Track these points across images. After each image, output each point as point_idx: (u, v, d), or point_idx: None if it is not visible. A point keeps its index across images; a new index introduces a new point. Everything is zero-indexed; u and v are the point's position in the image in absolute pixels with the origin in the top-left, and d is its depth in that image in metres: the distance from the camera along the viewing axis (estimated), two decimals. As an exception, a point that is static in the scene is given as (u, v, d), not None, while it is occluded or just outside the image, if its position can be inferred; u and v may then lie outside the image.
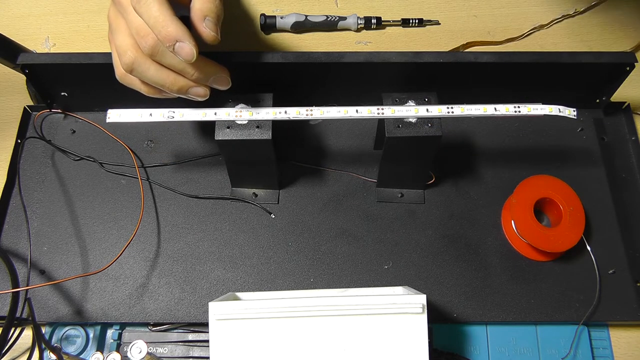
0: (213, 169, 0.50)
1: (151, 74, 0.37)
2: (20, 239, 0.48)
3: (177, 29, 0.35)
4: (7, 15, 0.60)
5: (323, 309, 0.34)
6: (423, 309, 0.34)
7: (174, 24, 0.34)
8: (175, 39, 0.35)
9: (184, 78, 0.38)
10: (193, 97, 0.39)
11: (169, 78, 0.37)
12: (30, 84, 0.49)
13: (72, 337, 0.44)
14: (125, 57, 0.37)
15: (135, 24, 0.35)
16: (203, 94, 0.39)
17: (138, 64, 0.37)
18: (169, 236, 0.48)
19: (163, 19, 0.34)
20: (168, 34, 0.34)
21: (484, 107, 0.41)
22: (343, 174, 0.50)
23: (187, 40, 0.35)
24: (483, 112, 0.41)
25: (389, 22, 0.59)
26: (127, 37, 0.37)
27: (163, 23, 0.34)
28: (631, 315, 0.45)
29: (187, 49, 0.35)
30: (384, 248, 0.47)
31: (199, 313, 0.45)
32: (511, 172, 0.50)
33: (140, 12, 0.35)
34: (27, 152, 0.51)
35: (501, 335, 0.45)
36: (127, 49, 0.36)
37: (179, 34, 0.35)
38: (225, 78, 0.40)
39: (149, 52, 0.36)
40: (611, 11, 0.60)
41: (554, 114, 0.41)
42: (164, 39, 0.35)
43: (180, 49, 0.35)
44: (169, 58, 0.36)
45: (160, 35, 0.35)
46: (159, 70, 0.37)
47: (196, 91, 0.39)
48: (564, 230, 0.45)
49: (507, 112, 0.41)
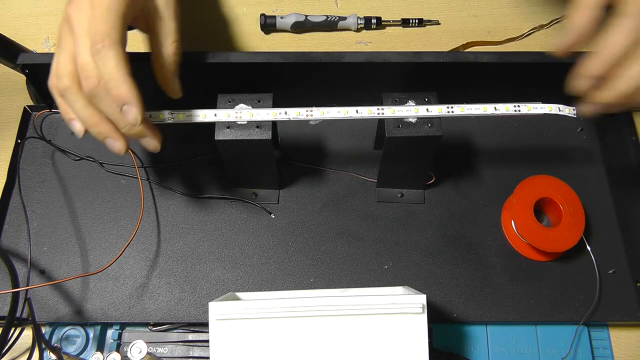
0: (213, 169, 0.50)
1: (78, 107, 0.36)
2: (20, 239, 0.48)
3: (129, 91, 0.34)
4: (7, 15, 0.60)
5: (323, 309, 0.34)
6: (423, 309, 0.34)
7: (127, 84, 0.34)
8: (125, 101, 0.34)
9: (106, 126, 0.36)
10: (108, 146, 0.37)
11: (92, 119, 0.36)
12: (30, 84, 0.49)
13: (72, 337, 0.44)
14: (61, 82, 0.35)
15: (82, 60, 0.34)
16: (118, 149, 0.37)
17: (70, 93, 0.35)
18: (169, 236, 0.48)
19: (118, 77, 0.34)
20: (120, 94, 0.34)
21: (484, 107, 0.41)
22: (343, 174, 0.50)
23: (135, 105, 0.35)
24: (483, 112, 0.41)
25: (389, 22, 0.59)
26: (68, 62, 0.35)
27: (117, 81, 0.34)
28: (631, 315, 0.45)
29: (133, 114, 0.35)
30: (384, 248, 0.47)
31: (199, 313, 0.45)
32: (511, 172, 0.50)
33: (98, 63, 0.34)
34: (27, 152, 0.51)
35: (501, 335, 0.45)
36: (64, 74, 0.35)
37: (130, 96, 0.34)
38: (155, 144, 0.38)
39: (88, 93, 0.35)
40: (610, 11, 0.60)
41: (553, 113, 0.41)
42: (114, 97, 0.34)
43: (127, 111, 0.35)
44: (104, 106, 0.35)
45: (111, 92, 0.34)
46: (86, 107, 0.36)
47: (112, 143, 0.37)
48: (564, 230, 0.45)
49: (507, 112, 0.41)
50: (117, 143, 0.37)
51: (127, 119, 0.35)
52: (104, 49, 0.33)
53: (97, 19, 0.34)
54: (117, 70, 0.34)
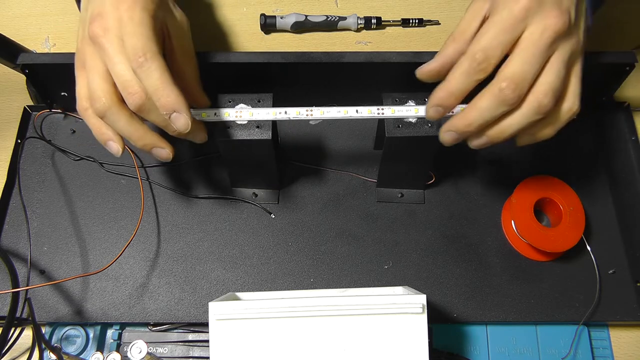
0: (213, 169, 0.50)
1: (121, 125, 0.37)
2: (20, 239, 0.48)
3: (177, 99, 0.35)
4: (7, 15, 0.60)
5: (323, 309, 0.34)
6: (423, 309, 0.34)
7: (174, 92, 0.35)
8: (174, 109, 0.35)
9: (152, 137, 0.38)
10: (155, 156, 0.39)
11: (137, 132, 0.37)
12: (30, 84, 0.49)
13: (72, 337, 0.44)
14: (99, 103, 0.36)
15: (123, 78, 0.35)
16: (166, 156, 0.39)
17: (111, 113, 0.36)
18: (169, 236, 0.48)
19: (164, 87, 0.35)
20: (167, 103, 0.35)
21: None
22: (343, 174, 0.50)
23: (184, 111, 0.36)
24: None
25: (389, 22, 0.59)
26: (103, 81, 0.36)
27: (164, 91, 0.35)
28: (631, 315, 0.45)
29: (183, 119, 0.36)
30: (384, 248, 0.47)
31: (199, 313, 0.45)
32: (511, 172, 0.50)
33: (141, 77, 0.35)
34: (27, 152, 0.51)
35: (501, 335, 0.45)
36: (102, 95, 0.36)
37: (178, 103, 0.35)
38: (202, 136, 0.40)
39: (136, 109, 0.35)
40: (611, 11, 0.60)
41: None
42: (162, 107, 0.35)
43: (177, 118, 0.36)
44: (154, 117, 0.36)
45: (159, 102, 0.35)
46: (129, 122, 0.37)
47: (159, 152, 0.39)
48: (564, 230, 0.45)
49: None
50: (164, 151, 0.38)
51: (178, 125, 0.36)
52: (146, 62, 0.34)
53: (131, 35, 0.34)
54: (162, 81, 0.35)
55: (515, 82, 0.34)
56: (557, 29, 0.33)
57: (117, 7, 0.35)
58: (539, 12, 0.33)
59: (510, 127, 0.36)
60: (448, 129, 0.38)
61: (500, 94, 0.34)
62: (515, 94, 0.34)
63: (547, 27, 0.33)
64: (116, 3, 0.35)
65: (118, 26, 0.35)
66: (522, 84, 0.34)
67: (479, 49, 0.34)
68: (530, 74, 0.34)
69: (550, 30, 0.33)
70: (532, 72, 0.34)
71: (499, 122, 0.36)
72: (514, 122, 0.35)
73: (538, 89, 0.34)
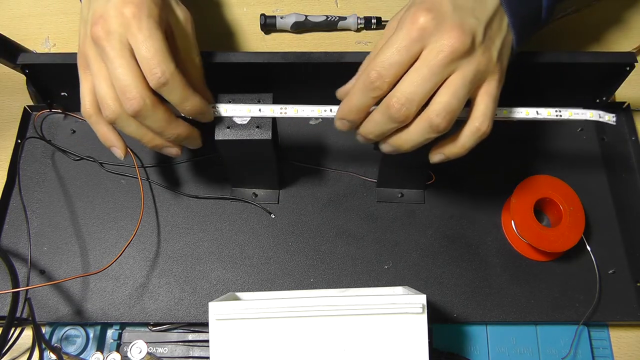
0: (213, 169, 0.50)
1: (132, 129, 0.37)
2: (20, 239, 0.48)
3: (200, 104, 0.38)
4: (7, 15, 0.60)
5: (323, 309, 0.34)
6: (423, 309, 0.34)
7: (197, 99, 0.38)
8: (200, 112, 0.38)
9: (160, 139, 0.39)
10: (166, 153, 0.40)
11: (147, 136, 0.38)
12: (30, 84, 0.49)
13: (72, 337, 0.44)
14: (109, 110, 0.36)
15: (122, 83, 0.35)
16: (175, 153, 0.40)
17: (121, 119, 0.37)
18: (169, 236, 0.48)
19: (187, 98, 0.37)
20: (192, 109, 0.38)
21: (526, 111, 0.40)
22: (343, 174, 0.50)
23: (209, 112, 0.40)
24: (525, 116, 0.40)
25: (389, 22, 0.59)
26: (109, 87, 0.36)
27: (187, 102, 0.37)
28: (631, 315, 0.45)
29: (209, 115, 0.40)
30: (384, 248, 0.47)
31: (199, 313, 0.45)
32: (511, 172, 0.50)
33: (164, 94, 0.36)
34: (27, 152, 0.51)
35: (501, 335, 0.45)
36: (110, 101, 0.36)
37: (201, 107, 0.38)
38: (197, 139, 0.41)
39: (133, 114, 0.36)
40: (610, 11, 0.60)
41: (594, 120, 0.41)
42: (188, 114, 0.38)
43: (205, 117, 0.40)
44: (150, 122, 0.37)
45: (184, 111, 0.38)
46: (139, 126, 0.37)
47: (169, 150, 0.40)
48: (564, 230, 0.45)
49: (549, 117, 0.40)
50: (174, 149, 0.40)
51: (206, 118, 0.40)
52: (167, 83, 0.35)
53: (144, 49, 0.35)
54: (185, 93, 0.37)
55: (401, 101, 0.34)
56: (455, 48, 0.33)
57: (121, 11, 0.35)
58: (437, 32, 0.33)
59: (407, 142, 0.36)
60: (358, 132, 0.39)
61: (387, 111, 0.35)
62: (400, 113, 0.34)
63: (443, 47, 0.33)
64: (120, 6, 0.35)
65: (122, 31, 0.35)
66: (408, 104, 0.34)
67: (372, 68, 0.34)
68: (419, 95, 0.34)
69: (446, 50, 0.33)
70: (421, 93, 0.34)
71: (397, 134, 0.37)
72: (409, 137, 0.36)
73: (431, 108, 0.34)
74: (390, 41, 0.34)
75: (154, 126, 0.37)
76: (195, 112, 0.38)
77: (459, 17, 0.34)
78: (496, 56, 0.36)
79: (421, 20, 0.33)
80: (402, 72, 0.34)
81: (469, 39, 0.33)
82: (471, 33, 0.34)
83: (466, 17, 0.34)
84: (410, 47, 0.34)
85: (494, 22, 0.36)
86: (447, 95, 0.34)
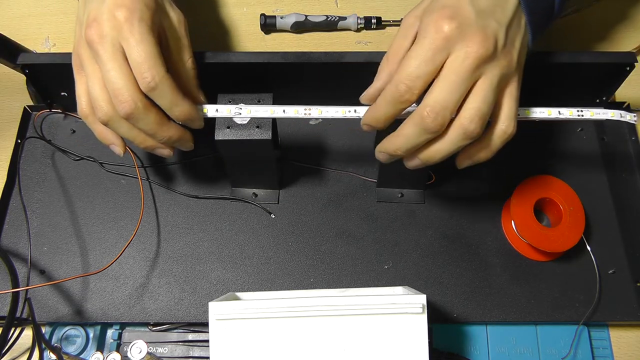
0: (213, 169, 0.50)
1: (124, 130, 0.38)
2: (20, 239, 0.48)
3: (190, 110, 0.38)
4: (7, 15, 0.60)
5: (323, 309, 0.34)
6: (423, 309, 0.34)
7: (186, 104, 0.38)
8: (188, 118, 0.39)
9: (152, 140, 0.39)
10: (158, 154, 0.41)
11: (139, 137, 0.39)
12: (30, 84, 0.49)
13: (72, 337, 0.44)
14: (102, 112, 0.37)
15: (114, 86, 0.35)
16: (167, 154, 0.41)
17: (113, 121, 0.37)
18: (169, 236, 0.48)
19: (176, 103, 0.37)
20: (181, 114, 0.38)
21: (548, 111, 0.40)
22: (343, 174, 0.50)
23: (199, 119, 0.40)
24: (548, 116, 0.40)
25: (389, 22, 0.59)
26: (101, 90, 0.37)
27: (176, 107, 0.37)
28: (631, 315, 0.45)
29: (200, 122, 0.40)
30: (384, 248, 0.47)
31: (199, 313, 0.45)
32: (511, 172, 0.50)
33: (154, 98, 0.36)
34: (27, 152, 0.51)
35: (501, 335, 0.45)
36: (102, 103, 0.37)
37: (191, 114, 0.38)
38: (189, 142, 0.41)
39: (125, 116, 0.36)
40: (611, 11, 0.60)
41: (615, 119, 0.41)
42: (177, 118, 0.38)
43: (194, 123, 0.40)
44: (141, 124, 0.37)
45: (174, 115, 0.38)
46: (131, 128, 0.38)
47: (161, 151, 0.41)
48: (564, 230, 0.45)
49: (571, 116, 0.40)
50: (166, 150, 0.41)
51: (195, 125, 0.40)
52: (157, 87, 0.36)
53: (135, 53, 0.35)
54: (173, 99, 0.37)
55: (435, 111, 0.34)
56: (480, 54, 0.33)
57: (114, 14, 0.35)
58: (461, 39, 0.33)
59: (439, 152, 0.36)
60: (380, 149, 0.39)
61: (421, 123, 0.34)
62: (436, 123, 0.34)
63: (469, 53, 0.33)
64: (113, 9, 0.35)
65: (114, 35, 0.35)
66: (442, 112, 0.34)
67: (401, 81, 0.34)
68: (452, 102, 0.34)
69: (472, 57, 0.33)
70: (453, 100, 0.34)
71: (428, 146, 0.36)
72: (442, 147, 0.36)
73: (463, 115, 0.34)
74: (416, 51, 0.34)
75: (145, 128, 0.38)
76: (184, 118, 0.38)
77: (481, 22, 0.34)
78: (516, 58, 0.36)
79: (445, 28, 0.33)
80: (429, 82, 0.34)
81: (492, 44, 0.34)
82: (494, 37, 0.34)
83: (488, 22, 0.34)
84: (436, 57, 0.34)
85: (513, 23, 0.36)
86: (478, 101, 0.34)
